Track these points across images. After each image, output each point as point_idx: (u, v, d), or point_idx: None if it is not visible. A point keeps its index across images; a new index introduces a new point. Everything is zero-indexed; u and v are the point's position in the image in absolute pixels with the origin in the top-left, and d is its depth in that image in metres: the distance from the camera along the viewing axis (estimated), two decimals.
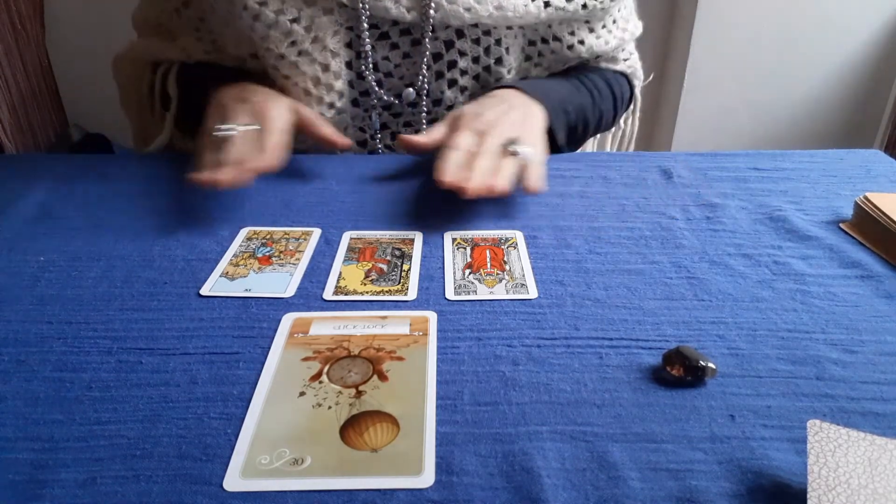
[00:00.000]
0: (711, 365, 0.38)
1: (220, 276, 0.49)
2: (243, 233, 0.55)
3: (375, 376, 0.39)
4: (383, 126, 0.73)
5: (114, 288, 0.47)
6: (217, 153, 0.57)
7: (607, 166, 0.67)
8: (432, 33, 0.66)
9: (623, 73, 0.79)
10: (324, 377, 0.39)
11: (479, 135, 0.59)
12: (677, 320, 0.44)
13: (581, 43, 0.72)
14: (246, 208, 0.59)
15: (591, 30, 0.72)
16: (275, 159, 0.56)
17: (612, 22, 0.74)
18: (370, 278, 0.49)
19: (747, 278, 0.48)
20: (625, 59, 0.79)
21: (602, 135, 0.86)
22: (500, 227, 0.56)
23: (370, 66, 0.67)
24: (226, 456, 0.34)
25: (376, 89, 0.69)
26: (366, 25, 0.65)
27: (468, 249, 0.52)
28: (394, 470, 0.33)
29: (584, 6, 0.69)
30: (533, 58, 0.72)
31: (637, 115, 0.81)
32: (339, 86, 0.67)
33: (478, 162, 0.55)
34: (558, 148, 0.69)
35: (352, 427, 0.35)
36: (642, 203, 0.59)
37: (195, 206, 0.59)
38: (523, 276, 0.49)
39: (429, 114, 0.72)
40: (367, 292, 0.47)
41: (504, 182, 0.54)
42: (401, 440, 0.34)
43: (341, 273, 0.49)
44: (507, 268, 0.50)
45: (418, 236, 0.54)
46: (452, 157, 0.56)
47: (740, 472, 0.33)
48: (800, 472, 0.33)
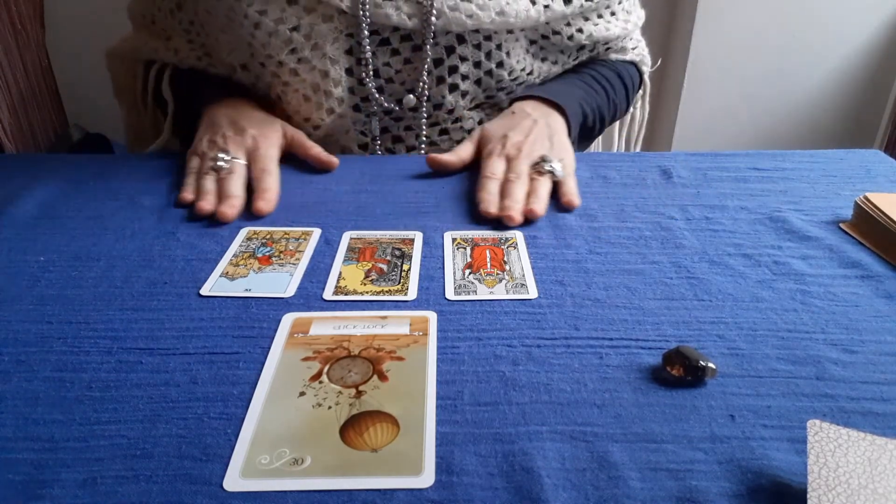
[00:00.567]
0: (711, 365, 0.38)
1: (220, 276, 0.49)
2: (243, 233, 0.55)
3: (375, 376, 0.39)
4: (383, 130, 0.73)
5: (114, 288, 0.47)
6: (211, 181, 0.59)
7: (607, 166, 0.67)
8: (433, 39, 0.66)
9: (632, 62, 0.81)
10: (324, 377, 0.39)
11: (509, 158, 0.62)
12: (677, 320, 0.44)
13: (580, 31, 0.72)
14: (246, 208, 0.58)
15: (587, 18, 0.73)
16: (271, 205, 0.58)
17: (611, 14, 0.75)
18: (370, 278, 0.49)
19: (747, 278, 0.48)
20: (633, 48, 0.81)
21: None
22: (500, 227, 0.56)
23: (370, 72, 0.67)
24: (226, 456, 0.34)
25: (377, 95, 0.69)
26: (366, 32, 0.65)
27: (468, 249, 0.52)
28: (394, 470, 0.33)
29: (582, 5, 0.70)
30: (537, 54, 0.72)
31: (647, 99, 0.83)
32: (338, 92, 0.67)
33: (514, 189, 0.58)
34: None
35: (352, 427, 0.35)
36: (642, 203, 0.59)
37: (195, 206, 0.59)
38: (523, 276, 0.49)
39: (429, 118, 0.72)
40: (367, 292, 0.47)
41: (542, 206, 0.57)
42: (401, 440, 0.34)
43: (341, 273, 0.49)
44: (507, 268, 0.50)
45: (418, 236, 0.54)
46: (490, 186, 0.59)
47: (740, 472, 0.33)
48: (800, 472, 0.33)
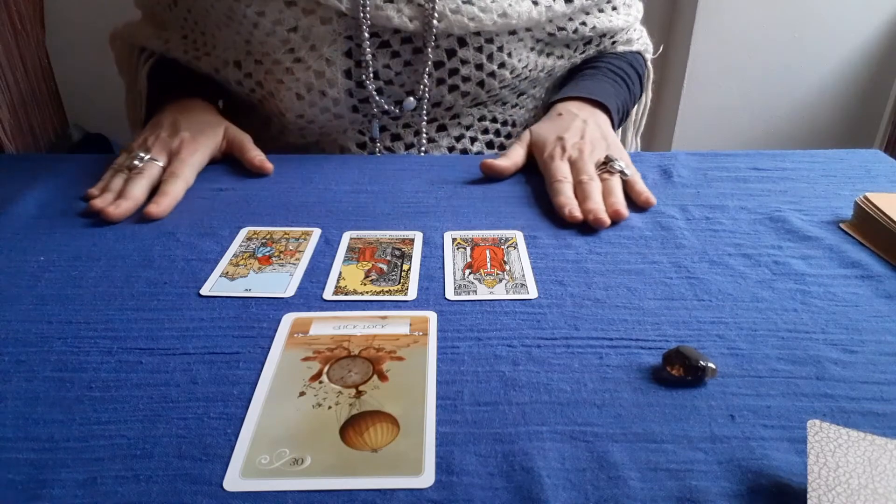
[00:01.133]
0: (711, 365, 0.38)
1: (220, 276, 0.49)
2: (243, 233, 0.55)
3: (375, 376, 0.39)
4: (382, 129, 0.73)
5: (114, 288, 0.47)
6: (119, 180, 0.60)
7: None
8: (434, 42, 0.66)
9: (638, 52, 0.83)
10: (324, 377, 0.39)
11: (571, 160, 0.62)
12: (677, 320, 0.44)
13: (584, 24, 0.72)
14: (246, 208, 0.59)
15: (588, 13, 0.73)
16: (162, 209, 0.57)
17: (612, 9, 0.75)
18: (370, 278, 0.49)
19: (747, 278, 0.48)
20: (637, 39, 0.82)
21: None
22: (500, 227, 0.56)
23: (370, 74, 0.67)
24: (226, 456, 0.34)
25: (377, 98, 0.69)
26: (366, 35, 0.65)
27: (468, 249, 0.52)
28: (394, 470, 0.33)
29: (583, 4, 0.70)
30: (542, 51, 0.72)
31: (650, 85, 0.85)
32: (333, 93, 0.67)
33: (591, 190, 0.58)
34: None
35: (352, 427, 0.35)
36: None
37: (195, 206, 0.59)
38: (523, 276, 0.49)
39: (428, 114, 0.72)
40: (367, 292, 0.47)
41: (624, 206, 0.57)
42: (401, 440, 0.34)
43: (341, 273, 0.49)
44: (507, 268, 0.50)
45: (418, 236, 0.54)
46: (566, 190, 0.58)
47: (740, 472, 0.33)
48: (800, 472, 0.33)
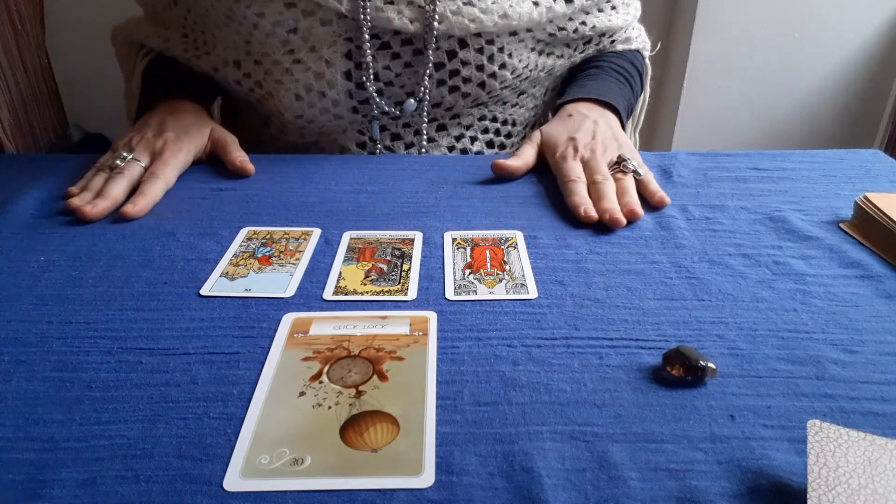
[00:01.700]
0: (711, 365, 0.38)
1: (220, 276, 0.49)
2: (243, 233, 0.55)
3: (375, 376, 0.39)
4: (382, 128, 0.73)
5: (114, 288, 0.47)
6: (100, 179, 0.60)
7: None
8: (435, 44, 0.66)
9: (637, 50, 0.83)
10: (324, 377, 0.39)
11: (584, 160, 0.62)
12: (677, 320, 0.44)
13: (584, 24, 0.72)
14: (246, 208, 0.59)
15: (588, 13, 0.73)
16: (139, 210, 0.57)
17: (612, 8, 0.75)
18: (370, 278, 0.49)
19: (747, 278, 0.48)
20: (636, 37, 0.83)
21: None
22: (500, 227, 0.56)
23: (371, 76, 0.67)
24: (226, 456, 0.34)
25: (377, 99, 0.68)
26: (367, 36, 0.65)
27: (468, 249, 0.52)
28: (394, 470, 0.33)
29: (583, 4, 0.70)
30: (543, 51, 0.72)
31: (648, 81, 0.85)
32: (332, 94, 0.67)
33: (606, 190, 0.58)
34: None
35: (352, 427, 0.35)
36: (642, 202, 0.59)
37: (195, 206, 0.59)
38: (523, 276, 0.49)
39: (428, 114, 0.72)
40: (367, 292, 0.47)
41: (639, 206, 0.57)
42: (401, 440, 0.34)
43: (341, 273, 0.49)
44: (507, 268, 0.50)
45: (418, 236, 0.54)
46: (580, 189, 0.58)
47: (740, 472, 0.33)
48: (800, 472, 0.33)
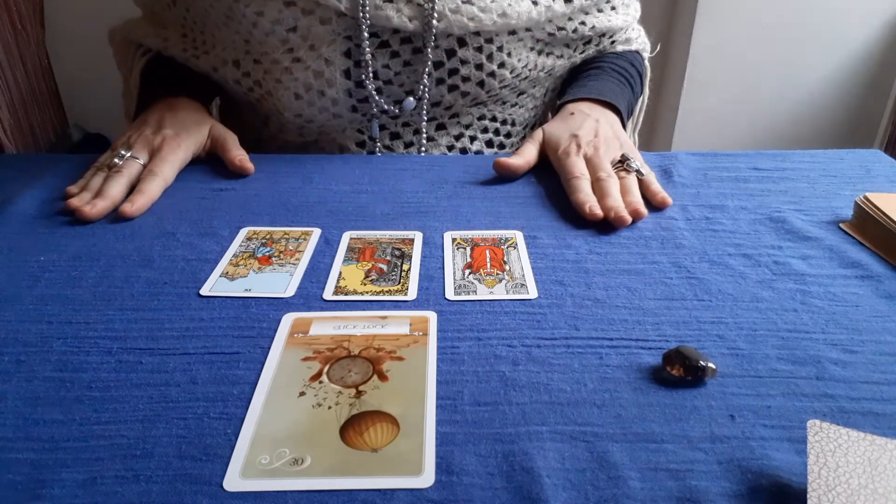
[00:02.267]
0: (711, 365, 0.38)
1: (220, 276, 0.49)
2: (243, 233, 0.55)
3: (375, 376, 0.39)
4: (381, 128, 0.73)
5: (114, 288, 0.47)
6: (99, 178, 0.60)
7: None
8: (434, 42, 0.66)
9: (637, 51, 0.83)
10: (324, 377, 0.39)
11: (587, 157, 0.62)
12: (677, 320, 0.44)
13: (583, 24, 0.73)
14: (246, 208, 0.59)
15: (587, 13, 0.73)
16: (136, 208, 0.57)
17: (612, 9, 0.75)
18: (370, 278, 0.49)
19: (747, 278, 0.48)
20: (636, 38, 0.83)
21: None
22: (500, 227, 0.56)
23: (370, 74, 0.67)
24: (226, 456, 0.34)
25: (376, 98, 0.68)
26: (366, 35, 0.65)
27: (468, 249, 0.52)
28: (394, 470, 0.33)
29: (583, 4, 0.70)
30: (542, 50, 0.72)
31: (647, 83, 0.85)
32: (332, 93, 0.67)
33: (610, 187, 0.58)
34: None
35: (352, 427, 0.35)
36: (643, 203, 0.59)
37: (195, 205, 0.59)
38: (523, 276, 0.49)
39: (427, 113, 0.72)
40: (367, 292, 0.47)
41: (643, 205, 0.57)
42: (401, 440, 0.34)
43: (341, 273, 0.49)
44: (507, 268, 0.50)
45: (418, 236, 0.54)
46: (584, 187, 0.58)
47: (740, 472, 0.33)
48: (800, 472, 0.33)
